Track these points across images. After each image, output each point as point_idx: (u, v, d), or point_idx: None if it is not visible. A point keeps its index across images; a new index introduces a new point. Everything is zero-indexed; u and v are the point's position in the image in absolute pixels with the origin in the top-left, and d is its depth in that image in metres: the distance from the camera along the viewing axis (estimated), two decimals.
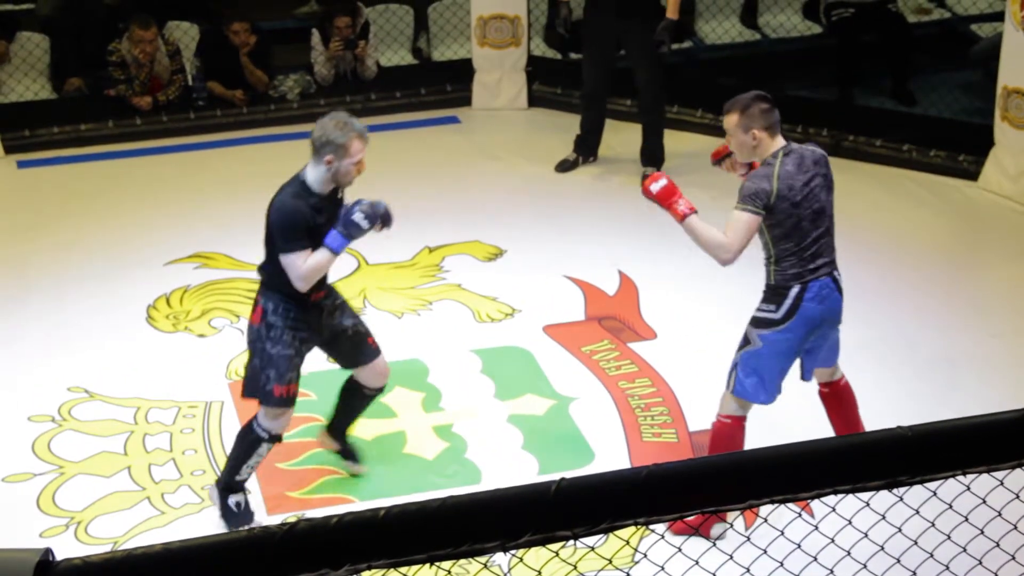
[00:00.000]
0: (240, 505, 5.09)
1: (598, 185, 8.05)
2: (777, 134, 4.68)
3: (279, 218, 4.80)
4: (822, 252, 4.70)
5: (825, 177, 4.72)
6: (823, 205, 4.68)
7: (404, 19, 9.62)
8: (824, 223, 4.69)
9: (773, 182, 4.59)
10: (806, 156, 4.69)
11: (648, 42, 7.63)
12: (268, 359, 4.88)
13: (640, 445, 5.55)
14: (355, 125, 4.79)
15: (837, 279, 4.78)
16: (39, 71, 9.01)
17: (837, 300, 4.78)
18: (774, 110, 4.69)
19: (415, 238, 7.27)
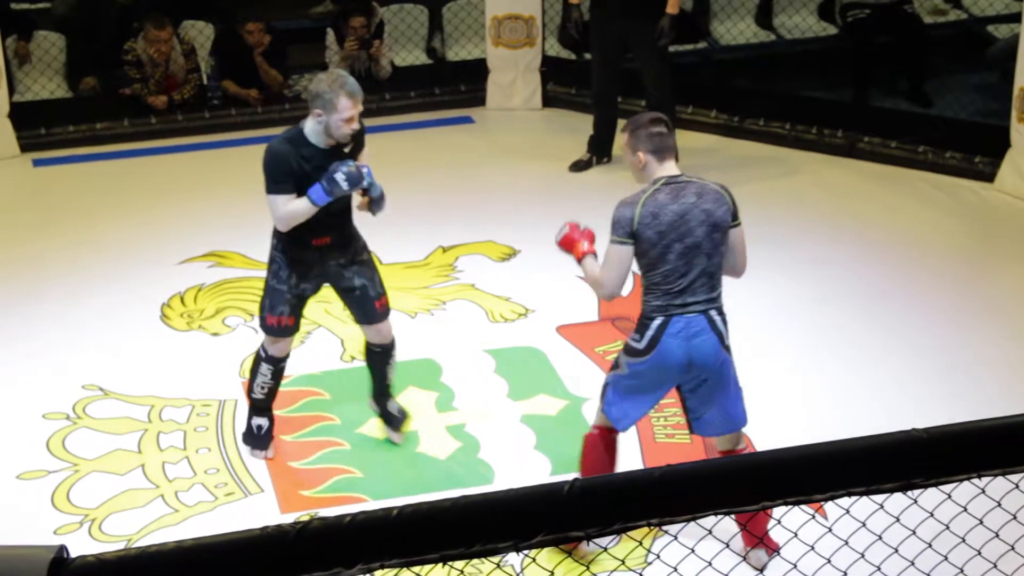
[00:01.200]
0: (260, 428, 5.46)
1: (612, 185, 8.03)
2: (667, 160, 4.48)
3: (265, 159, 5.01)
4: (695, 288, 4.42)
5: (708, 213, 4.39)
6: (698, 241, 4.38)
7: (419, 19, 9.63)
8: (699, 260, 4.40)
9: (637, 208, 4.39)
10: (690, 188, 4.42)
11: (652, 39, 7.63)
12: (267, 290, 5.21)
13: (653, 446, 5.54)
14: (346, 83, 4.90)
15: (714, 320, 4.47)
16: (55, 70, 9.04)
17: (709, 342, 4.46)
18: (668, 136, 4.49)
19: (429, 238, 7.28)
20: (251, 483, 5.32)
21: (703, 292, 4.45)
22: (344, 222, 5.19)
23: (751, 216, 7.54)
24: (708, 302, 4.47)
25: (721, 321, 4.51)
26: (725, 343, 4.52)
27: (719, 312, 4.50)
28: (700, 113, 8.74)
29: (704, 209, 4.40)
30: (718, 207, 4.43)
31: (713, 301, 4.48)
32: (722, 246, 4.45)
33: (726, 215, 4.44)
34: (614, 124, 8.21)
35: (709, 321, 4.47)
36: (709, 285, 4.46)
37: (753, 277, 6.84)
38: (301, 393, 5.90)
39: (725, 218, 4.44)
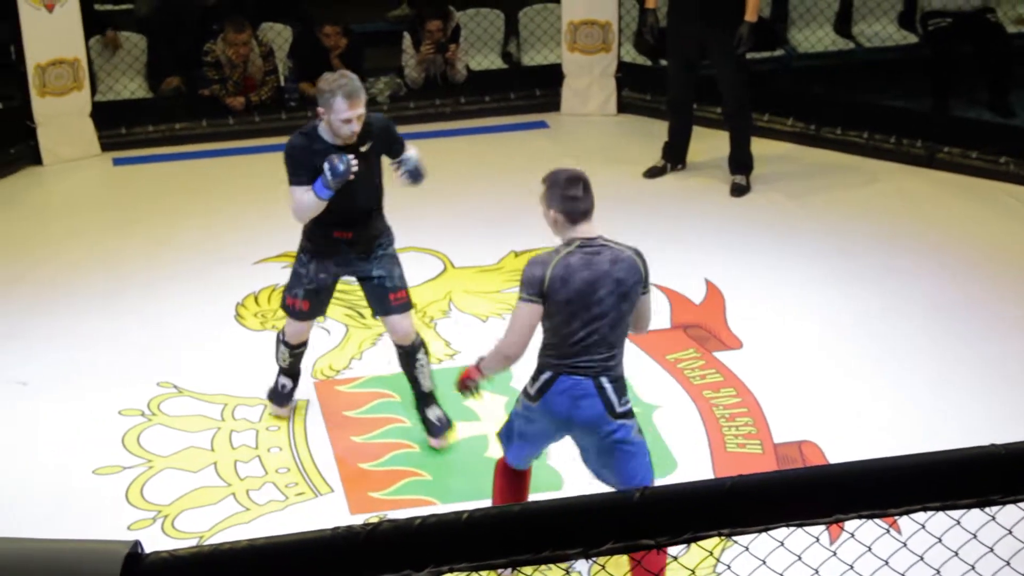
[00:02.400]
0: (284, 387, 5.71)
1: (686, 192, 8.01)
2: (580, 223, 4.32)
3: (284, 152, 5.21)
4: (590, 352, 4.32)
5: (619, 283, 4.27)
6: (605, 310, 4.27)
7: (495, 23, 9.64)
8: (601, 328, 4.29)
9: (548, 270, 4.28)
10: (604, 255, 4.29)
11: (730, 46, 7.58)
12: (292, 272, 5.43)
13: (724, 455, 5.51)
14: (345, 84, 5.02)
15: (603, 386, 4.34)
16: (136, 70, 9.16)
17: (593, 408, 4.35)
18: (582, 199, 4.32)
19: (501, 242, 7.28)
20: (321, 483, 5.36)
21: (598, 357, 4.33)
22: (368, 218, 5.31)
23: (827, 225, 7.55)
24: (601, 368, 4.34)
25: (612, 389, 4.36)
26: (615, 410, 4.37)
27: (612, 380, 4.36)
28: (777, 121, 8.68)
29: (616, 279, 4.28)
30: (631, 276, 4.30)
31: (608, 368, 4.35)
32: (629, 314, 4.35)
33: (637, 285, 4.32)
34: (689, 131, 8.18)
35: (597, 386, 4.35)
36: (607, 353, 4.34)
37: (830, 287, 6.82)
38: (372, 395, 5.93)
39: (636, 289, 4.32)
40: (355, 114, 5.01)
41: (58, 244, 7.41)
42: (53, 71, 8.27)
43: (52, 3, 8.15)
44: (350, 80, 5.03)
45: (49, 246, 7.39)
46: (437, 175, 8.22)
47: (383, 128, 5.25)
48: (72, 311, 6.66)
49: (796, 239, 7.37)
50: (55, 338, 6.42)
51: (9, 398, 5.94)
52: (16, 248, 7.37)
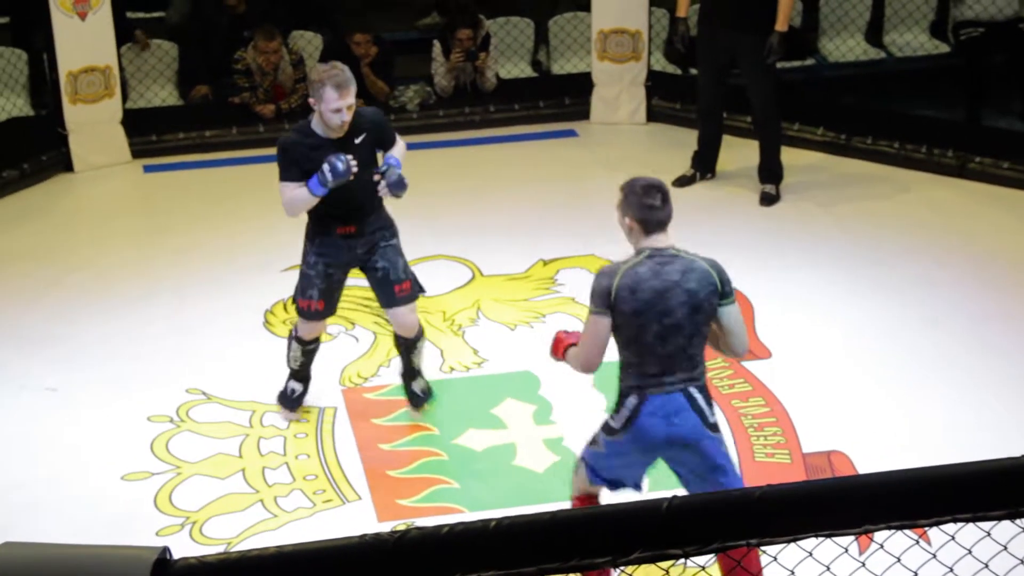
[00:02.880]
0: (294, 392, 5.79)
1: (715, 201, 7.99)
2: (655, 232, 4.23)
3: (277, 146, 5.26)
4: (674, 368, 4.21)
5: (691, 294, 4.17)
6: (678, 322, 4.17)
7: (525, 32, 9.65)
8: (678, 341, 4.19)
9: (615, 280, 4.18)
10: (675, 265, 4.19)
11: (760, 56, 7.57)
12: (300, 275, 5.50)
13: (752, 465, 5.49)
14: (336, 75, 5.06)
15: (694, 397, 4.24)
16: (167, 78, 9.20)
17: (689, 421, 4.23)
18: (659, 209, 4.22)
19: (530, 250, 7.28)
20: (349, 491, 5.36)
21: (682, 371, 4.23)
22: (369, 210, 5.36)
23: (857, 235, 7.52)
24: (688, 380, 4.24)
25: (703, 399, 4.26)
26: (709, 421, 4.27)
27: (700, 390, 4.26)
28: (806, 130, 8.65)
29: (687, 289, 4.17)
30: (703, 288, 4.19)
31: (694, 380, 4.25)
32: (705, 326, 4.24)
33: (712, 296, 4.21)
34: (719, 140, 8.16)
35: (688, 398, 4.24)
36: (689, 365, 4.23)
37: (859, 298, 6.79)
38: (400, 402, 5.93)
39: (710, 299, 4.21)
40: (345, 104, 5.07)
41: (89, 251, 7.45)
42: (85, 78, 8.32)
43: (85, 11, 8.21)
44: (341, 71, 5.08)
45: (80, 253, 7.43)
46: (466, 183, 8.28)
47: (375, 121, 5.33)
48: (102, 317, 6.70)
49: (826, 249, 7.34)
50: (85, 344, 6.45)
51: (39, 404, 5.97)
52: (48, 254, 7.42)
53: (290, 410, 5.80)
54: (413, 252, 7.23)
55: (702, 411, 4.26)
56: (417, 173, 5.53)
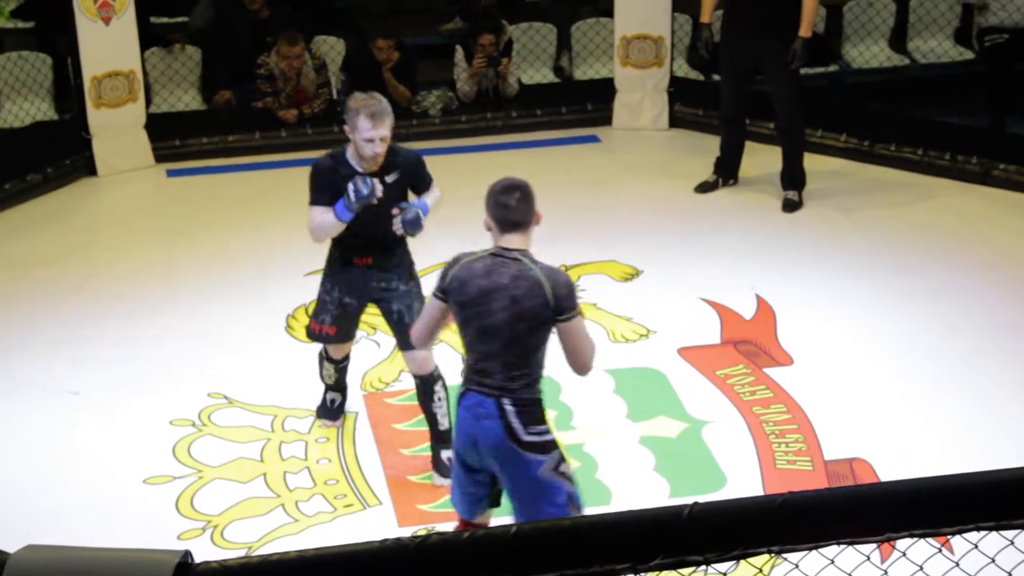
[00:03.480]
0: (333, 402, 5.77)
1: (737, 207, 7.98)
2: (508, 232, 4.14)
3: (311, 169, 5.25)
4: (491, 372, 4.11)
5: (515, 300, 4.05)
6: (497, 325, 4.07)
7: (547, 37, 9.66)
8: (494, 345, 4.09)
9: (453, 269, 4.17)
10: (508, 269, 4.08)
11: (784, 62, 7.55)
12: (317, 297, 5.48)
13: (774, 472, 5.47)
14: (371, 105, 5.01)
15: (504, 409, 4.10)
16: (191, 83, 9.24)
17: (494, 429, 4.10)
18: (513, 208, 4.13)
19: (551, 256, 7.18)
20: (370, 495, 5.37)
21: (499, 377, 4.11)
22: (388, 245, 5.28)
23: (880, 242, 7.49)
24: (502, 390, 4.11)
25: (516, 413, 4.10)
26: (519, 438, 4.11)
27: (516, 403, 4.11)
28: (830, 137, 8.63)
29: (512, 295, 4.06)
30: (529, 298, 4.05)
31: (510, 391, 4.11)
32: (530, 337, 4.09)
33: (540, 308, 4.06)
34: (742, 146, 8.15)
35: (499, 408, 4.10)
36: (506, 374, 4.10)
37: (882, 304, 6.76)
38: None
39: (538, 312, 4.06)
40: (377, 135, 5.01)
41: (112, 254, 7.48)
42: (109, 83, 8.36)
43: (109, 16, 8.25)
44: (378, 102, 5.03)
45: (103, 256, 7.46)
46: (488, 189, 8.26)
47: (412, 162, 5.23)
48: (125, 321, 6.72)
49: (849, 255, 7.32)
50: (108, 348, 6.47)
51: (62, 407, 6.00)
52: (71, 258, 7.45)
53: (332, 420, 5.78)
54: (435, 258, 7.23)
55: (511, 426, 4.11)
56: (439, 178, 5.52)
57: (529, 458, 4.13)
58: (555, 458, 4.18)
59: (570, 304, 4.10)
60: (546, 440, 4.17)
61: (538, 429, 4.15)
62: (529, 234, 4.21)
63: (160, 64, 9.12)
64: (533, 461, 4.13)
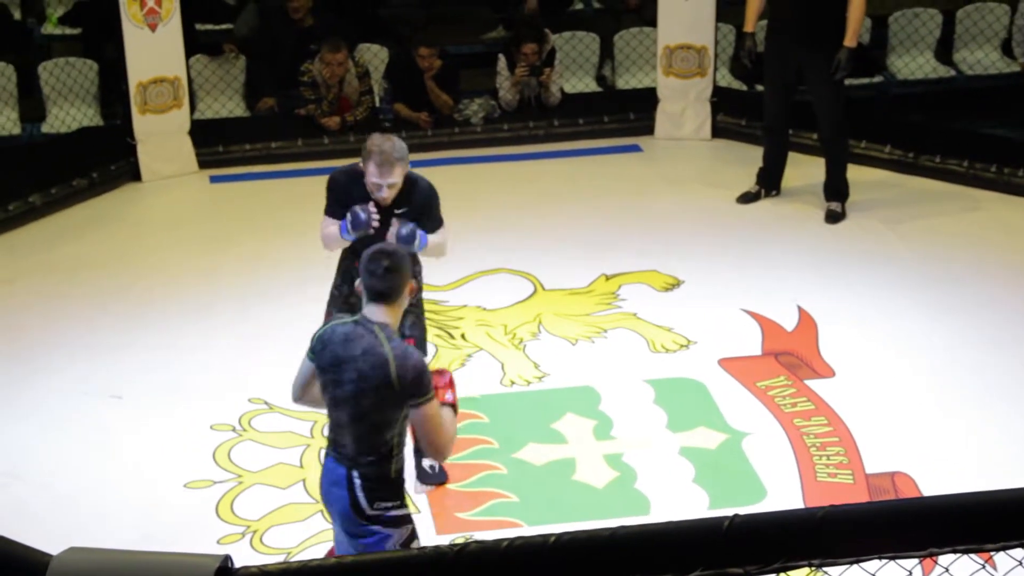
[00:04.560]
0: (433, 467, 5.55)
1: (780, 218, 7.94)
2: (371, 303, 4.01)
3: (328, 178, 5.33)
4: (342, 441, 4.02)
5: (361, 375, 3.92)
6: (345, 396, 3.97)
7: (590, 47, 9.65)
8: (343, 416, 4.00)
9: (321, 329, 4.10)
10: (364, 341, 3.95)
11: (828, 72, 7.52)
12: (329, 294, 5.49)
13: (814, 485, 5.44)
14: (382, 151, 4.98)
15: (352, 480, 4.00)
16: (235, 89, 9.30)
17: (340, 499, 4.02)
18: (378, 278, 3.98)
19: (592, 265, 7.27)
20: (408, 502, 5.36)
21: (349, 448, 4.02)
22: None
23: (924, 254, 7.43)
24: (353, 461, 4.01)
25: (362, 486, 4.00)
26: (363, 511, 4.02)
27: (364, 478, 4.00)
28: (873, 148, 8.58)
29: (359, 369, 3.94)
30: (373, 375, 3.92)
31: (359, 464, 4.00)
32: (375, 414, 3.95)
33: (383, 388, 3.92)
34: (784, 156, 8.11)
35: (347, 479, 4.01)
36: (356, 447, 4.00)
37: (925, 317, 6.71)
38: (460, 415, 5.92)
39: (380, 391, 3.92)
40: (385, 182, 5.00)
41: (155, 259, 7.53)
42: (154, 89, 8.42)
43: (155, 23, 8.31)
44: (390, 151, 4.96)
45: (146, 261, 7.51)
46: (530, 197, 8.28)
47: (424, 200, 5.15)
48: (167, 326, 6.76)
49: (892, 267, 7.27)
50: (150, 352, 6.51)
51: (105, 411, 6.04)
52: (115, 263, 7.50)
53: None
54: (475, 266, 7.28)
55: (356, 498, 4.01)
56: (480, 187, 5.54)
57: (374, 530, 4.05)
58: (403, 534, 4.08)
59: (419, 390, 3.94)
60: (392, 516, 4.05)
61: (384, 506, 4.04)
62: (397, 307, 4.04)
63: (205, 71, 9.18)
64: (379, 534, 4.04)
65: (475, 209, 8.05)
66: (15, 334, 6.68)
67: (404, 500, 4.10)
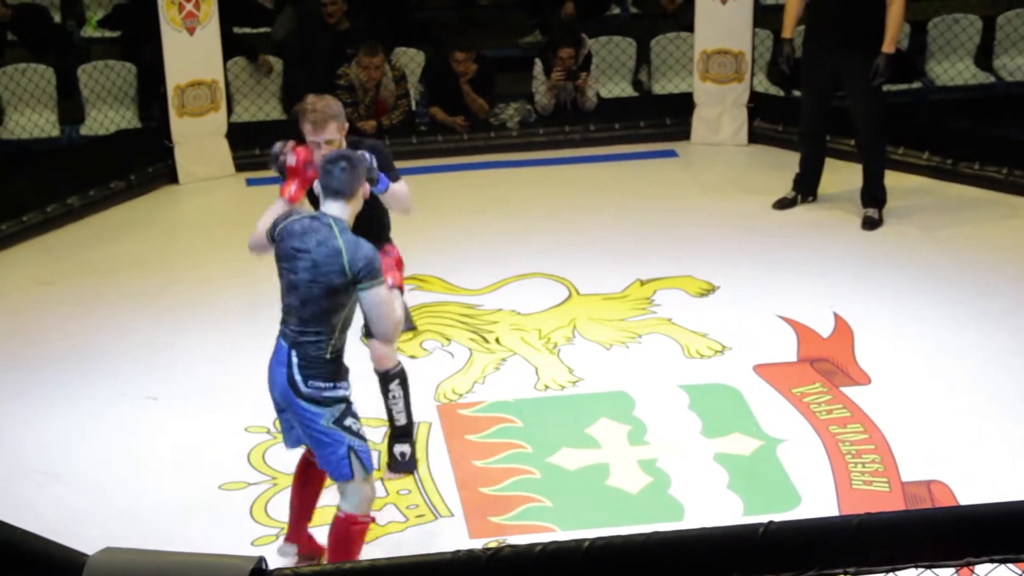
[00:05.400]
0: None
1: (816, 225, 7.90)
2: (328, 199, 4.53)
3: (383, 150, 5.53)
4: (287, 319, 4.54)
5: (314, 263, 4.43)
6: (296, 282, 4.48)
7: (627, 51, 9.64)
8: (293, 299, 4.51)
9: (282, 221, 4.58)
10: (319, 234, 4.45)
11: (866, 78, 7.48)
12: None
13: (849, 492, 5.41)
14: (314, 109, 5.23)
15: (291, 358, 4.49)
16: (271, 92, 9.34)
17: (280, 374, 4.51)
18: (333, 176, 4.51)
19: (627, 270, 7.26)
20: (442, 506, 5.38)
21: (293, 328, 4.51)
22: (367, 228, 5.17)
23: (961, 261, 7.38)
24: (295, 343, 4.49)
25: (299, 366, 4.47)
26: (299, 389, 4.48)
27: (301, 357, 4.47)
28: (911, 154, 8.53)
29: (313, 258, 4.44)
30: (326, 263, 4.42)
31: (300, 344, 4.48)
32: (324, 300, 4.43)
33: (335, 275, 4.41)
34: (821, 163, 8.07)
35: (288, 358, 4.49)
36: (300, 329, 4.48)
37: (962, 325, 6.67)
38: (494, 419, 5.94)
39: (332, 277, 4.42)
40: (320, 139, 5.16)
41: (192, 261, 7.57)
42: (192, 92, 8.47)
43: (193, 26, 8.35)
44: (326, 107, 5.20)
45: (183, 263, 7.55)
46: (565, 201, 8.28)
47: (370, 152, 5.19)
48: (203, 328, 6.79)
49: (929, 274, 7.22)
50: (186, 353, 6.54)
51: (140, 412, 6.07)
52: (152, 264, 7.54)
53: None
54: (510, 270, 7.28)
55: (293, 375, 4.46)
56: (515, 191, 5.53)
57: (306, 407, 4.48)
58: (334, 413, 4.49)
59: (368, 275, 4.41)
60: (325, 396, 4.48)
61: (318, 385, 4.47)
62: (352, 204, 4.53)
63: (242, 74, 9.22)
64: (309, 411, 4.48)
65: (510, 213, 8.05)
66: (54, 335, 6.73)
67: (340, 383, 4.52)
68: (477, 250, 7.52)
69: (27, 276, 7.41)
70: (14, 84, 8.94)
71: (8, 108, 8.95)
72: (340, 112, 5.25)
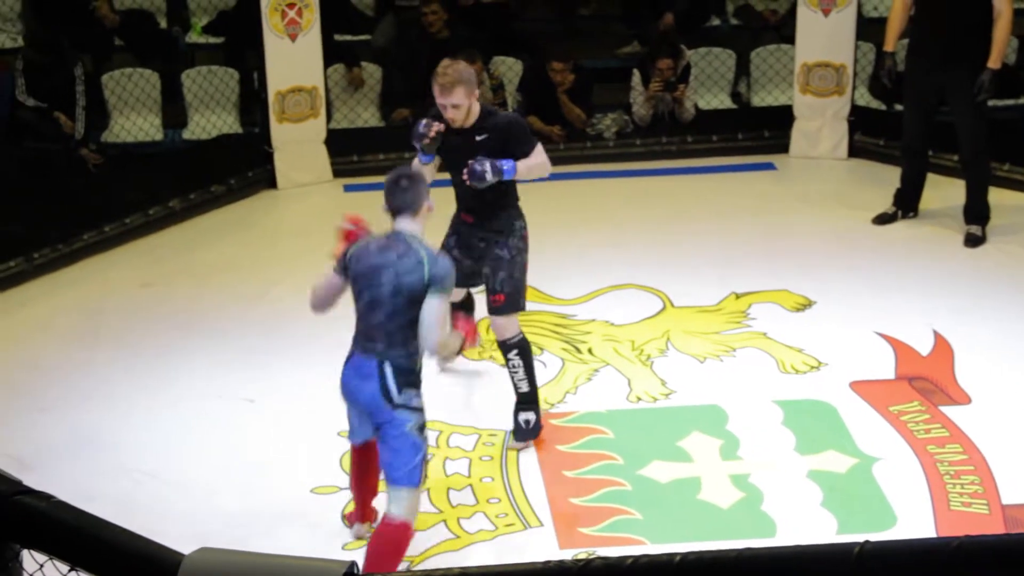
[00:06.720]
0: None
1: (916, 241, 7.79)
2: (396, 216, 4.75)
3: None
4: (375, 338, 4.71)
5: (398, 276, 4.65)
6: (381, 298, 4.67)
7: (726, 63, 9.58)
8: (378, 315, 4.69)
9: (352, 248, 4.78)
10: (397, 249, 4.68)
11: (971, 93, 7.35)
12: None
13: (947, 514, 5.31)
14: (445, 70, 5.39)
15: (384, 372, 4.70)
16: (371, 100, 9.41)
17: (370, 389, 4.70)
18: (395, 195, 4.74)
19: (722, 283, 7.20)
20: (531, 516, 5.37)
21: (381, 343, 4.69)
22: (485, 207, 5.60)
23: None
24: (383, 355, 4.68)
25: (393, 375, 4.68)
26: (392, 399, 4.68)
27: (395, 368, 4.67)
28: (1017, 171, 8.37)
29: (395, 270, 4.66)
30: (409, 273, 4.64)
31: (390, 357, 4.68)
32: (408, 310, 4.64)
33: (416, 284, 4.63)
34: (923, 178, 7.95)
35: (379, 371, 4.68)
36: (386, 340, 4.68)
37: None
38: (585, 430, 5.92)
39: (414, 286, 4.64)
40: (448, 103, 5.33)
41: (290, 266, 7.63)
42: (292, 98, 8.56)
43: (295, 33, 8.45)
44: (455, 72, 5.34)
45: (281, 268, 7.62)
46: (661, 213, 8.24)
47: (502, 128, 5.47)
48: (300, 332, 6.84)
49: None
50: (282, 357, 6.60)
51: (237, 415, 6.14)
52: (250, 268, 7.63)
53: None
54: (604, 280, 7.25)
55: (387, 386, 4.67)
56: (611, 201, 5.52)
57: (395, 415, 4.69)
58: (419, 420, 4.74)
59: (439, 285, 4.64)
60: (414, 404, 4.72)
61: (410, 393, 4.71)
62: (419, 218, 4.76)
63: (341, 81, 9.31)
64: (399, 418, 4.69)
65: (606, 223, 8.03)
66: (154, 337, 6.83)
67: (420, 392, 4.78)
68: (572, 260, 7.50)
69: (129, 278, 7.53)
70: (120, 88, 9.10)
71: (114, 112, 9.11)
72: (471, 78, 5.40)
